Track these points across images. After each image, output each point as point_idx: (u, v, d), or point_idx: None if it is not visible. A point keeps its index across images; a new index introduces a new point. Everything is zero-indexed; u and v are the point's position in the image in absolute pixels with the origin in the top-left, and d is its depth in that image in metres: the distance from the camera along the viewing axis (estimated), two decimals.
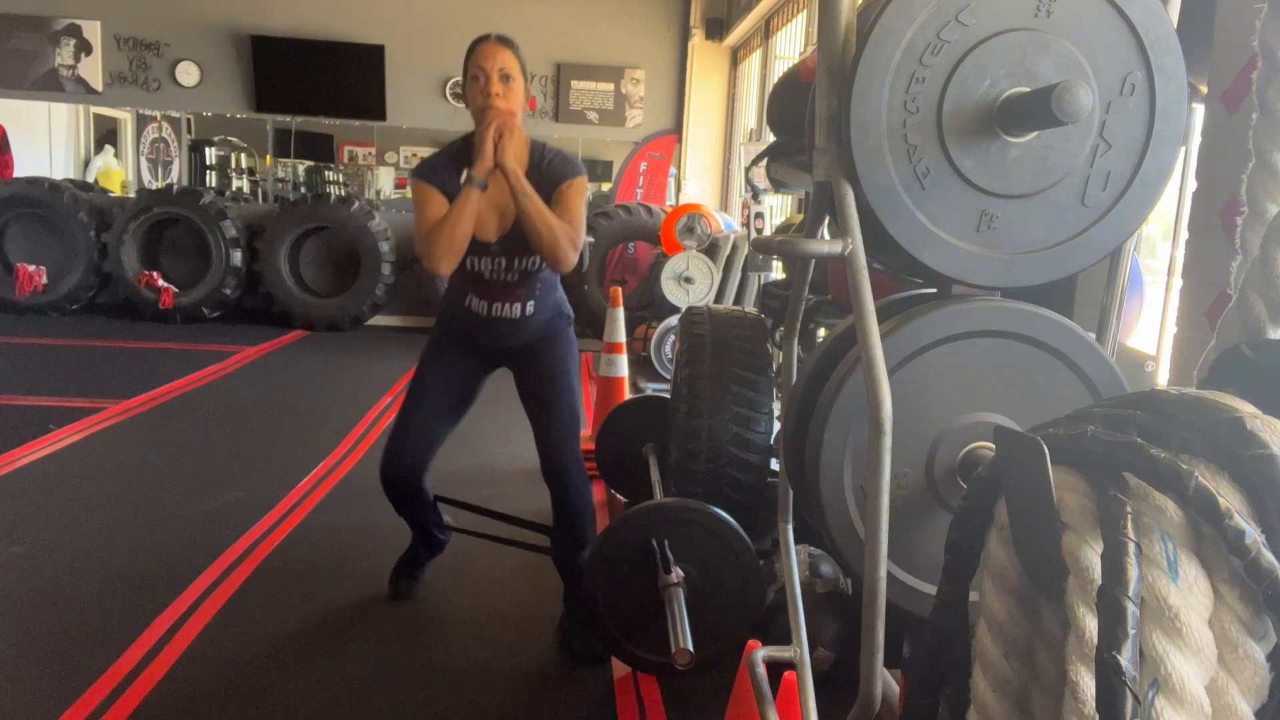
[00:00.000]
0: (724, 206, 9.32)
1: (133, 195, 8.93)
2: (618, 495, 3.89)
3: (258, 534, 3.40)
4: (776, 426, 2.82)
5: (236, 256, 7.93)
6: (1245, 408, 0.72)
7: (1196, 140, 1.82)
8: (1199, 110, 1.81)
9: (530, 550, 2.83)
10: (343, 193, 10.75)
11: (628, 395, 4.52)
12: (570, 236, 2.40)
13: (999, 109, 1.22)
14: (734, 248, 6.53)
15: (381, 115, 8.98)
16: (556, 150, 2.56)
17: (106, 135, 11.36)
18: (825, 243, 1.24)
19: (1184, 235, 1.89)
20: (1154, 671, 0.66)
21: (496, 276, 2.55)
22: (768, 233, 5.97)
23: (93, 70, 8.84)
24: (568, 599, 2.78)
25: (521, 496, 3.79)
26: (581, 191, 2.49)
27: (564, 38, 9.19)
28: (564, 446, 2.60)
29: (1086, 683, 0.68)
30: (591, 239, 8.04)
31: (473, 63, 2.45)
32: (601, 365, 4.76)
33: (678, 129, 9.53)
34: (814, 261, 1.65)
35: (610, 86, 9.33)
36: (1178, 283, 1.86)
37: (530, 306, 2.62)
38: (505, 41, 2.47)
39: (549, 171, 2.48)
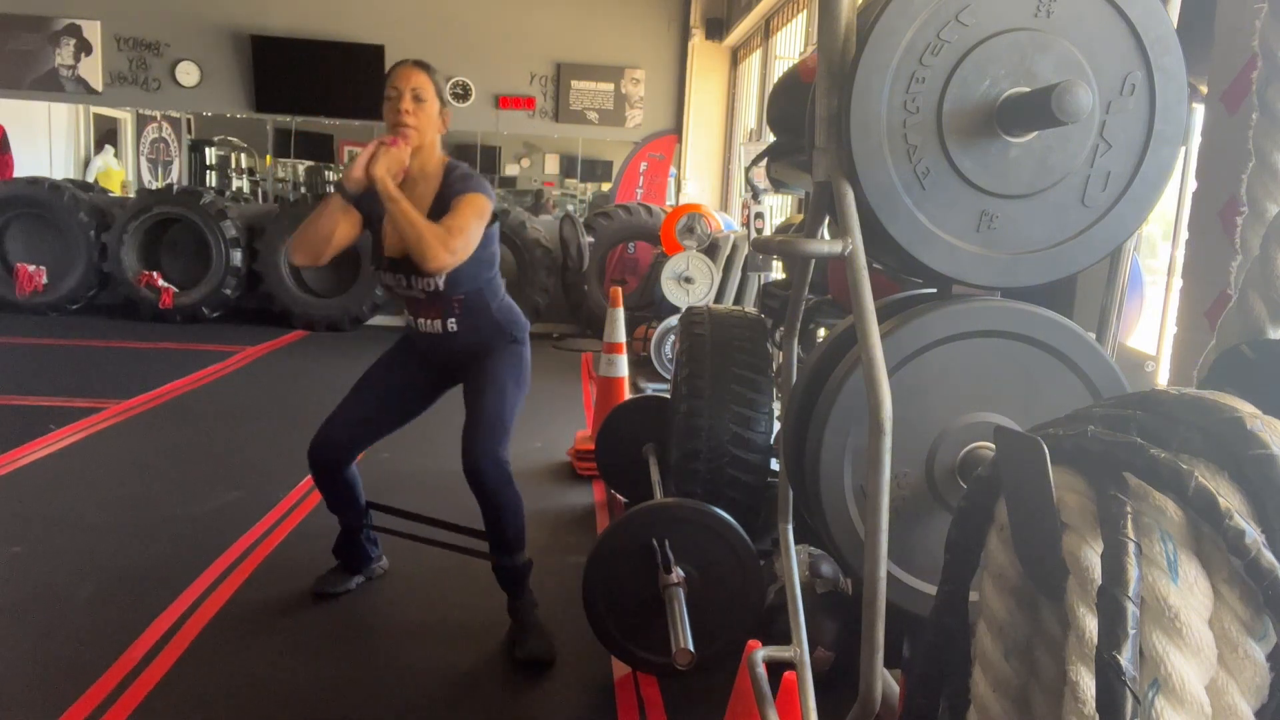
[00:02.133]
0: (724, 206, 9.32)
1: (133, 195, 8.93)
2: (618, 495, 3.89)
3: (258, 534, 3.40)
4: (776, 426, 2.82)
5: (236, 256, 7.93)
6: (1245, 408, 0.72)
7: (1196, 140, 1.82)
8: (1199, 110, 1.81)
9: (474, 556, 2.82)
10: None
11: (628, 395, 4.52)
12: (442, 239, 2.44)
13: (999, 109, 1.22)
14: (734, 248, 6.53)
15: (381, 115, 8.97)
16: (468, 172, 2.67)
17: (106, 135, 11.36)
18: (825, 243, 1.24)
19: (1184, 235, 1.89)
20: (1154, 671, 0.66)
21: (406, 292, 2.69)
22: (768, 233, 5.97)
23: (93, 70, 8.84)
24: (509, 609, 2.74)
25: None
26: (473, 204, 2.53)
27: (564, 38, 9.19)
28: (479, 447, 2.58)
29: (1086, 683, 0.68)
30: (591, 239, 8.04)
31: (389, 82, 2.62)
32: (601, 365, 4.76)
33: (678, 129, 9.53)
34: (814, 261, 1.65)
35: (610, 86, 9.33)
36: (1178, 283, 1.86)
37: (452, 324, 2.70)
38: (422, 66, 2.64)
39: (451, 188, 2.60)
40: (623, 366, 4.71)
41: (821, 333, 3.60)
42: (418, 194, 2.60)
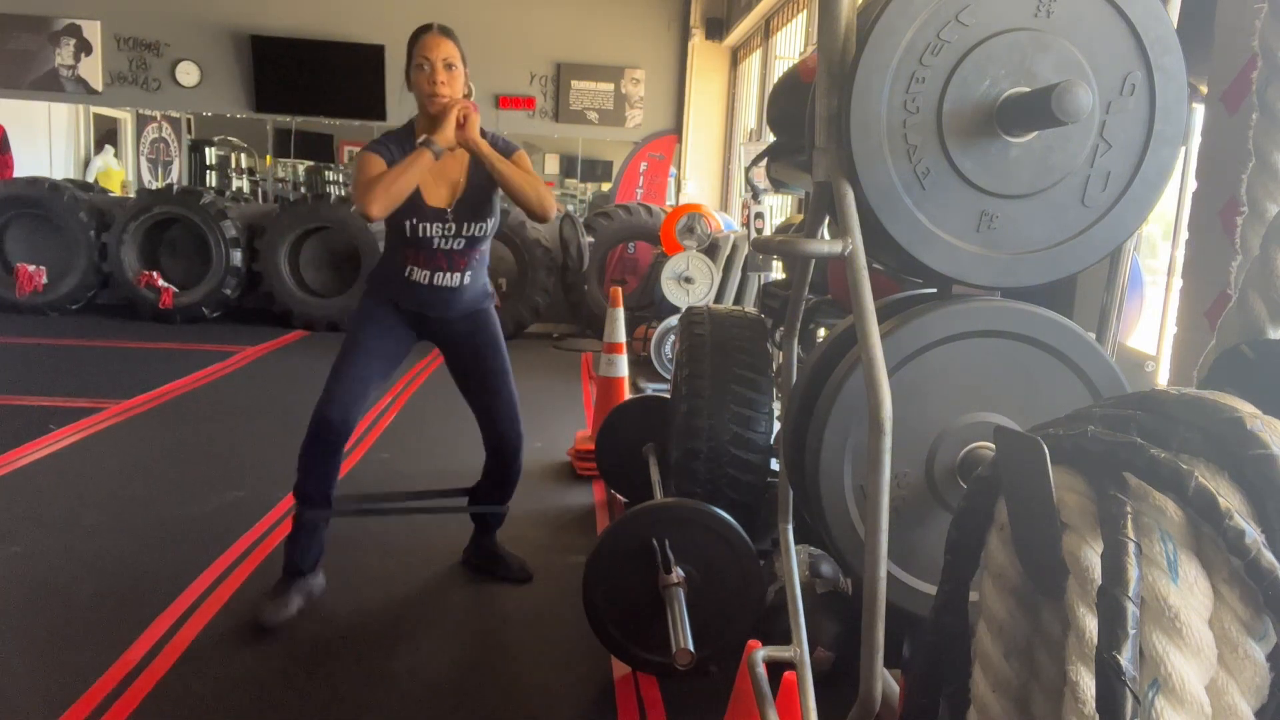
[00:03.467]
0: (724, 206, 9.32)
1: (133, 195, 8.92)
2: (618, 495, 3.89)
3: (258, 534, 3.40)
4: (776, 426, 2.82)
5: (236, 256, 7.93)
6: (1245, 408, 0.72)
7: (1196, 140, 1.82)
8: (1199, 110, 1.81)
9: (451, 512, 3.09)
10: (343, 193, 10.74)
11: (628, 395, 4.52)
12: (546, 188, 2.73)
13: (999, 109, 1.22)
14: (734, 248, 6.53)
15: (382, 115, 8.98)
16: (495, 135, 2.85)
17: (106, 135, 11.36)
18: (825, 243, 1.24)
19: (1184, 235, 1.89)
20: (1154, 671, 0.66)
21: (445, 243, 2.78)
22: (768, 233, 5.97)
23: (93, 70, 8.84)
24: (489, 546, 3.14)
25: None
26: (527, 160, 2.82)
27: (564, 38, 9.19)
28: (516, 429, 2.97)
29: (1086, 683, 0.68)
30: (591, 239, 8.04)
31: (418, 52, 2.70)
32: (601, 365, 4.76)
33: (678, 129, 9.53)
34: (814, 261, 1.65)
35: (610, 86, 9.33)
36: (1178, 283, 1.86)
37: (468, 277, 2.84)
38: (447, 32, 2.74)
39: (494, 146, 2.77)
40: (623, 366, 4.70)
41: (821, 333, 3.60)
42: (456, 157, 2.76)
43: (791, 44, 7.26)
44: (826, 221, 1.37)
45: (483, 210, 2.80)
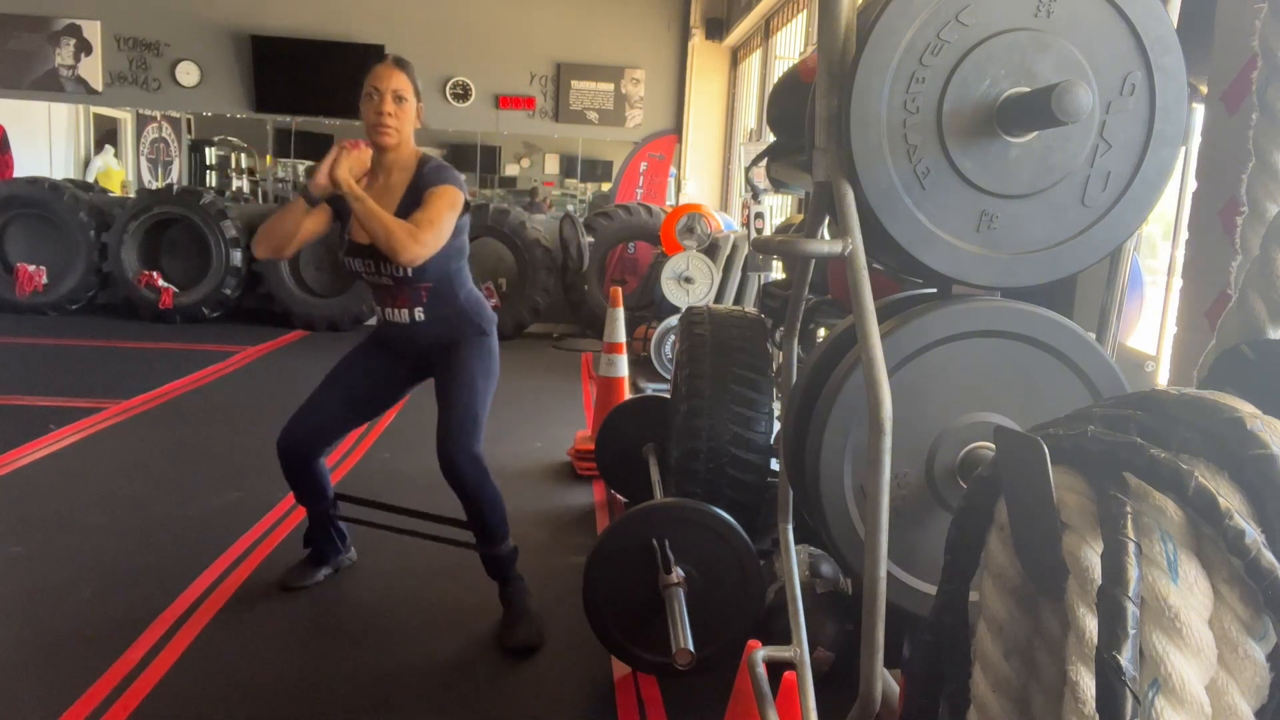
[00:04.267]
0: (724, 206, 9.32)
1: (133, 195, 8.92)
2: (618, 495, 3.89)
3: (258, 534, 3.40)
4: (776, 426, 2.82)
5: (236, 256, 7.93)
6: (1245, 408, 0.72)
7: (1196, 140, 1.82)
8: (1199, 110, 1.81)
9: (459, 546, 2.86)
10: None
11: (628, 395, 4.52)
12: (411, 233, 2.49)
13: (999, 109, 1.22)
14: (734, 248, 6.53)
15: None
16: (439, 164, 2.72)
17: (106, 135, 11.36)
18: (825, 243, 1.24)
19: (1184, 235, 1.89)
20: (1154, 671, 0.66)
21: (374, 279, 2.73)
22: (768, 233, 5.97)
23: (93, 70, 8.84)
24: (501, 596, 2.83)
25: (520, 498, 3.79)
26: (444, 197, 2.58)
27: (564, 38, 9.19)
28: (455, 443, 2.65)
29: (1086, 683, 0.68)
30: (591, 239, 8.04)
31: (369, 81, 2.65)
32: (601, 365, 4.76)
33: (678, 129, 9.53)
34: (814, 261, 1.65)
35: (610, 86, 9.33)
36: (1178, 283, 1.86)
37: (420, 313, 2.74)
38: (401, 64, 2.68)
39: (423, 180, 2.64)
40: (623, 366, 4.71)
41: (821, 333, 3.60)
42: (392, 184, 2.69)
43: (791, 44, 7.26)
44: (826, 221, 1.37)
45: None
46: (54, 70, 8.80)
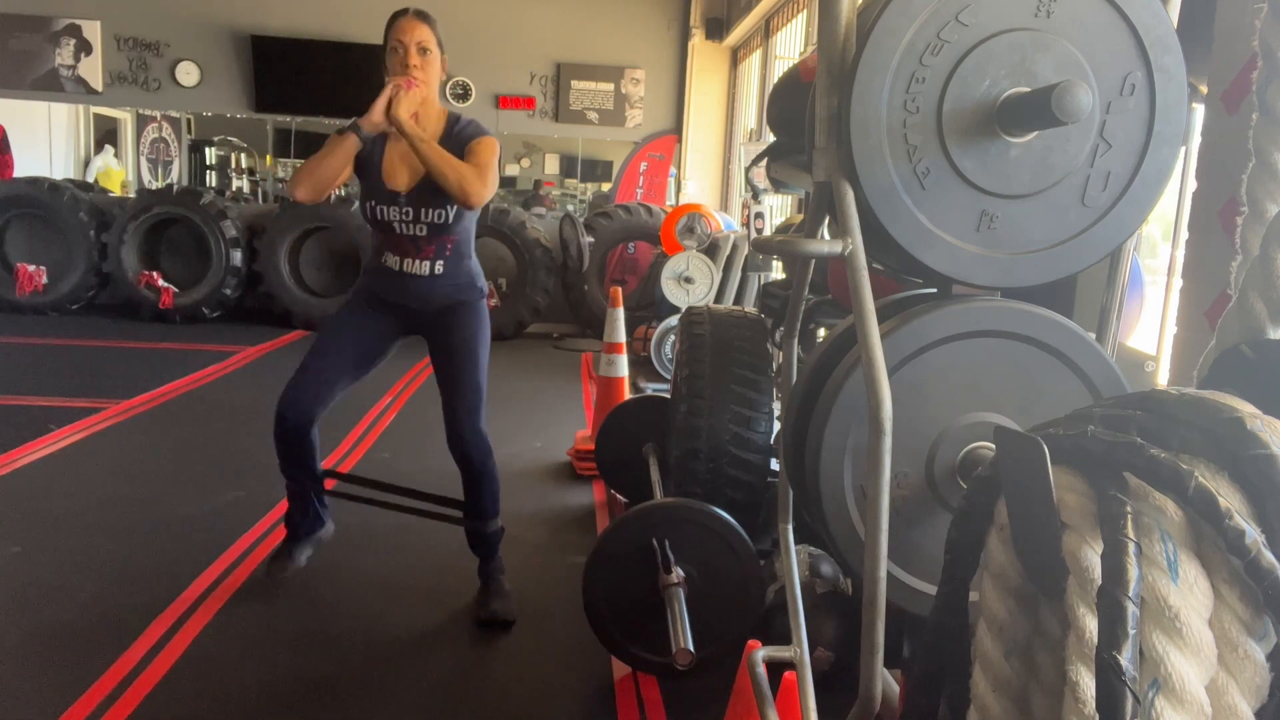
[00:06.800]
0: (724, 206, 9.32)
1: (133, 195, 8.92)
2: (618, 495, 3.89)
3: (258, 534, 3.40)
4: (776, 426, 2.82)
5: (236, 256, 7.93)
6: (1245, 408, 0.72)
7: (1196, 140, 1.82)
8: (1199, 110, 1.81)
9: (441, 520, 2.91)
10: (343, 192, 10.74)
11: (628, 395, 4.52)
12: (477, 174, 2.57)
13: (999, 109, 1.22)
14: (734, 248, 6.53)
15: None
16: (470, 120, 2.76)
17: (106, 135, 11.36)
18: (825, 243, 1.24)
19: (1184, 235, 1.89)
20: (1154, 671, 0.66)
21: (405, 229, 2.72)
22: (768, 233, 5.97)
23: (93, 70, 8.83)
24: (480, 571, 2.89)
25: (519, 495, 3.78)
26: (490, 147, 2.66)
27: (564, 38, 9.19)
28: (468, 420, 2.72)
29: (1086, 683, 0.68)
30: (591, 239, 8.04)
31: (392, 35, 2.64)
32: (601, 365, 4.76)
33: (678, 129, 9.53)
34: (814, 261, 1.65)
35: (610, 86, 9.33)
36: (1178, 283, 1.86)
37: (439, 266, 2.76)
38: (423, 16, 2.66)
39: (460, 136, 2.69)
40: (623, 366, 4.70)
41: (821, 333, 3.60)
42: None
43: (791, 44, 7.25)
44: (826, 221, 1.37)
45: (444, 197, 2.63)
46: (54, 70, 8.80)
